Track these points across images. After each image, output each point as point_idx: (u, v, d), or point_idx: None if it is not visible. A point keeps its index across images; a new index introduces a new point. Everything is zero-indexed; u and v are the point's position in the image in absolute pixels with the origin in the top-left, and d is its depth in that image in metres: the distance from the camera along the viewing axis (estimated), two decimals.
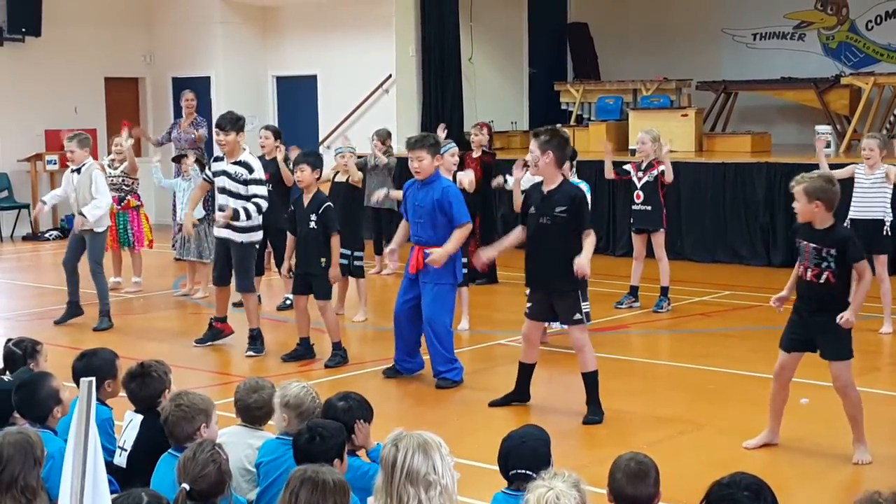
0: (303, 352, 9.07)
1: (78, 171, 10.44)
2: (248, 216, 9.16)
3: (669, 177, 10.74)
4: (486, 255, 8.05)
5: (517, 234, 7.54)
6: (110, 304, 10.56)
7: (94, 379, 2.72)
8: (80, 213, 10.33)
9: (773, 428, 6.72)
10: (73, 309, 10.64)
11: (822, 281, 6.26)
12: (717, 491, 3.60)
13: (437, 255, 8.05)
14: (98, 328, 10.29)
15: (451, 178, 9.71)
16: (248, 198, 9.18)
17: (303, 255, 8.89)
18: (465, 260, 9.92)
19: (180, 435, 4.60)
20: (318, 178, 8.92)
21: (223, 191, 9.27)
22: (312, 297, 8.92)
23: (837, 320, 6.20)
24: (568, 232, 7.19)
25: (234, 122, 9.24)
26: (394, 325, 8.45)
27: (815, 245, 6.26)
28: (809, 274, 6.30)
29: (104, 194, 10.46)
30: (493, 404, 7.67)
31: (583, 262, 7.09)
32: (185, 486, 3.96)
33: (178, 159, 12.52)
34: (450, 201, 8.15)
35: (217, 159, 9.51)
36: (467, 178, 10.48)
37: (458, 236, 8.17)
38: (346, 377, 8.52)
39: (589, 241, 7.20)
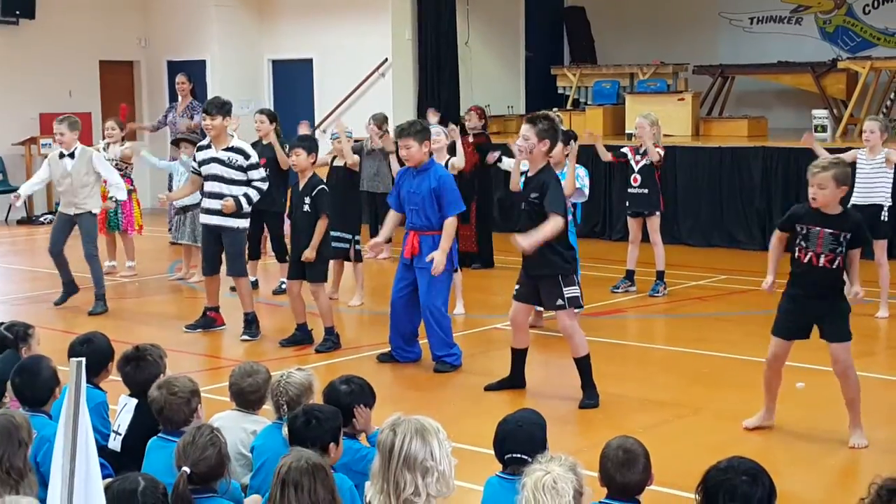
0: (301, 337, 9.05)
1: (71, 155, 10.36)
2: (250, 202, 9.15)
3: (654, 156, 10.65)
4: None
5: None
6: (105, 289, 10.53)
7: (84, 360, 2.68)
8: (112, 198, 10.72)
9: (770, 408, 6.71)
10: (70, 288, 10.60)
11: (834, 266, 6.25)
12: (714, 476, 3.59)
13: (437, 260, 8.01)
14: (93, 312, 10.26)
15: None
16: (246, 183, 9.15)
17: (296, 238, 8.86)
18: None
19: (179, 420, 4.60)
20: (313, 163, 8.89)
21: (215, 178, 9.21)
22: (306, 283, 8.89)
23: (854, 295, 6.26)
24: (543, 217, 7.14)
25: (220, 107, 9.20)
26: (390, 312, 8.44)
27: (831, 231, 6.22)
28: (823, 260, 6.25)
29: (113, 171, 10.70)
30: (488, 388, 7.67)
31: (519, 238, 7.03)
32: (186, 469, 3.95)
33: (176, 143, 12.47)
34: (444, 190, 8.14)
35: (202, 148, 9.43)
36: (456, 162, 10.40)
37: (449, 231, 8.13)
38: (341, 361, 8.50)
39: (549, 224, 7.04)
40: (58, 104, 17.37)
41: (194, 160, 9.57)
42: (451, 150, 10.29)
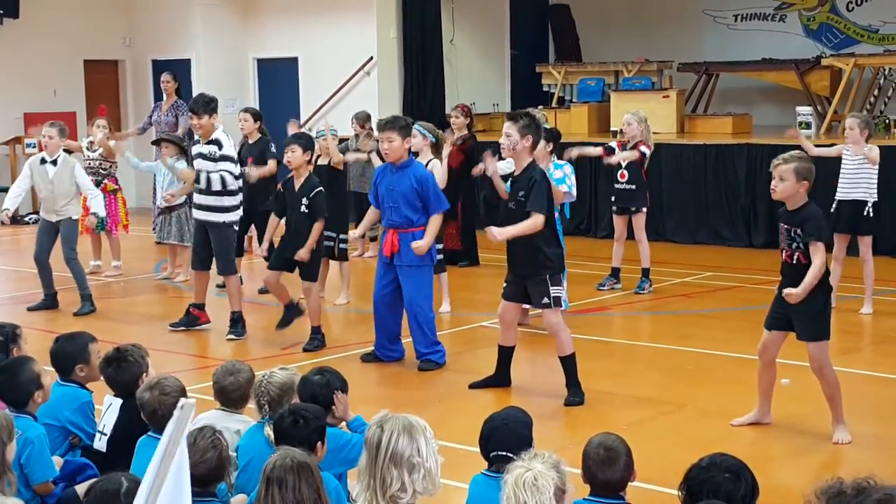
0: (291, 316, 9.07)
1: (53, 162, 10.31)
2: (209, 183, 9.10)
3: (632, 155, 10.68)
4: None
5: None
6: (90, 289, 10.50)
7: (194, 401, 2.60)
8: (94, 213, 10.66)
9: (763, 407, 6.73)
10: (50, 301, 10.54)
11: (794, 261, 6.28)
12: (697, 473, 3.60)
13: (421, 244, 8.04)
14: (79, 312, 10.23)
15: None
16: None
17: (292, 238, 8.80)
18: (440, 246, 9.97)
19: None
20: (308, 161, 8.88)
21: (202, 172, 9.22)
22: (286, 274, 8.89)
23: (784, 293, 6.23)
24: (528, 216, 7.16)
25: (206, 106, 9.19)
26: (374, 312, 8.43)
27: (786, 226, 6.30)
28: (784, 255, 6.34)
29: (91, 185, 10.62)
30: (472, 386, 7.67)
31: (494, 230, 7.08)
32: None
33: (157, 143, 12.45)
34: (427, 190, 8.14)
35: (194, 144, 9.49)
36: (437, 174, 10.26)
37: (435, 223, 8.17)
38: (327, 360, 8.48)
39: (527, 221, 7.07)
40: (42, 104, 17.33)
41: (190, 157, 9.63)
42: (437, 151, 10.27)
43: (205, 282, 9.58)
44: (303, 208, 8.72)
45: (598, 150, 11.12)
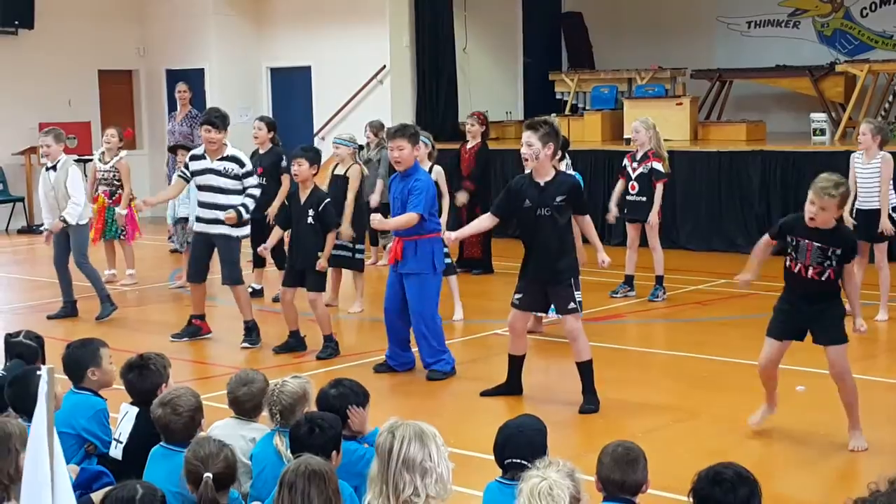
0: (294, 344, 9.04)
1: (53, 168, 10.32)
2: (248, 211, 9.16)
3: (655, 215, 10.73)
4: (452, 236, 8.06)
5: (486, 221, 7.69)
6: (107, 290, 10.52)
7: (52, 366, 2.66)
8: (61, 219, 10.12)
9: (771, 403, 6.72)
10: (70, 309, 10.57)
11: (823, 278, 6.26)
12: (703, 484, 3.60)
13: (385, 222, 8.26)
14: (101, 316, 10.29)
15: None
16: (242, 191, 9.16)
17: (299, 250, 8.79)
18: (446, 250, 10.00)
19: (184, 437, 4.63)
20: (315, 174, 8.88)
21: (210, 188, 9.21)
22: (300, 291, 8.87)
23: (858, 328, 6.39)
24: (566, 220, 7.27)
25: (224, 120, 9.22)
26: (385, 320, 8.43)
27: (820, 245, 6.23)
28: (811, 272, 6.26)
29: (79, 191, 10.21)
30: (484, 394, 7.67)
31: (604, 256, 7.49)
32: (209, 475, 4.00)
33: (173, 150, 12.51)
34: (413, 190, 8.07)
35: (195, 157, 9.39)
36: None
37: (405, 217, 8.04)
38: (341, 368, 8.49)
39: (590, 228, 7.45)
40: (57, 114, 17.41)
41: (186, 168, 9.52)
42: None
43: (202, 293, 9.57)
44: (309, 220, 8.70)
45: (619, 187, 11.02)
